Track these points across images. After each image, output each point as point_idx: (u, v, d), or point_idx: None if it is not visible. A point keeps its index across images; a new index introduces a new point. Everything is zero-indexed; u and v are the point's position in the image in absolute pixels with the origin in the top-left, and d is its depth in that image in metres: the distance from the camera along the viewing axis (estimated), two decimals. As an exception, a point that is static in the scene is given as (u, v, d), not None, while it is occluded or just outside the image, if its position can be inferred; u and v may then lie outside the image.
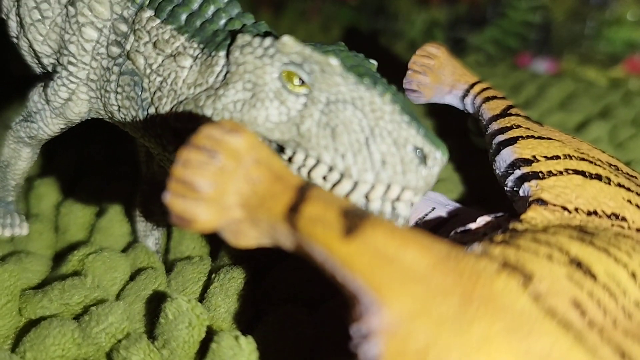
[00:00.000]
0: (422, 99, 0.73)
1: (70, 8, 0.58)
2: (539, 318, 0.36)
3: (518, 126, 0.61)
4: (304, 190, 0.40)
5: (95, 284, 0.64)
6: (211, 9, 0.55)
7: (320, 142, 0.47)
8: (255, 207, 0.41)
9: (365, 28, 1.41)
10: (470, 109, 0.71)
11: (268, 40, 0.49)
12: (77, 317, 0.59)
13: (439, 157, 0.47)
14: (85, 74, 0.59)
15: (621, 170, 0.58)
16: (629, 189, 0.54)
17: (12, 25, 0.66)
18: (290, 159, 0.49)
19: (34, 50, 0.64)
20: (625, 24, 1.22)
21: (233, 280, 0.60)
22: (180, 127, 0.52)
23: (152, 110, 0.54)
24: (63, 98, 0.61)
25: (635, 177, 0.58)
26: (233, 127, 0.41)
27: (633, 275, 0.43)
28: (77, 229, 0.75)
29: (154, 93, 0.54)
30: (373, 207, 0.47)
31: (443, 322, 0.34)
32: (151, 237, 0.73)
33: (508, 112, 0.65)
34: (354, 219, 0.38)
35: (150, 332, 0.58)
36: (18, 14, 0.64)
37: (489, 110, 0.66)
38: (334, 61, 0.47)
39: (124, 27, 0.57)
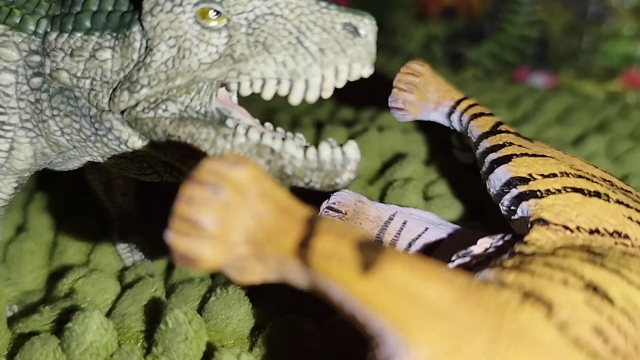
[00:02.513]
0: (409, 116, 0.72)
1: None
2: (567, 350, 0.35)
3: (510, 143, 0.61)
4: (313, 223, 0.39)
5: (86, 299, 0.63)
6: (109, 2, 0.55)
7: (258, 60, 0.49)
8: (262, 242, 0.39)
9: None
10: (457, 126, 0.70)
11: None
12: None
13: (367, 22, 0.49)
14: (18, 118, 0.58)
15: (616, 186, 0.58)
16: (628, 206, 0.54)
17: None
18: (238, 94, 0.51)
19: None
20: (621, 38, 1.23)
21: (233, 289, 0.59)
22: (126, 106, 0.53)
23: (93, 112, 0.55)
24: (5, 150, 0.59)
25: (630, 192, 0.58)
26: (236, 160, 0.39)
27: (647, 297, 0.42)
28: (75, 250, 0.73)
29: (89, 95, 0.54)
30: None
31: (474, 361, 0.33)
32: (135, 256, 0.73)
33: (498, 129, 0.64)
34: (370, 253, 0.36)
35: (148, 337, 0.57)
36: None
37: (478, 127, 0.65)
38: None
39: (36, 58, 0.57)
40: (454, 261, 0.52)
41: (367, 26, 0.49)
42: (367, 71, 0.50)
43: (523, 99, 1.19)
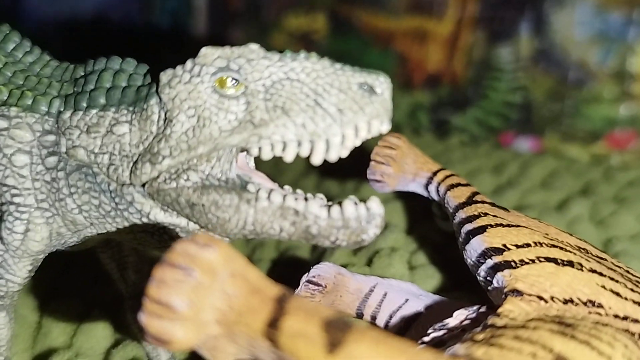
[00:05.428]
0: (387, 188, 0.74)
1: None
2: None
3: (485, 214, 0.62)
4: (282, 302, 0.39)
5: None
6: (123, 78, 0.56)
7: (277, 123, 0.49)
8: (233, 322, 0.39)
9: None
10: (434, 196, 0.72)
11: (189, 63, 0.51)
12: None
13: (382, 80, 0.49)
14: (33, 198, 0.57)
15: (591, 253, 0.59)
16: (601, 274, 0.54)
17: None
18: (255, 159, 0.52)
19: None
20: (602, 102, 1.24)
21: None
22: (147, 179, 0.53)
23: (113, 186, 0.54)
24: (21, 232, 0.58)
25: (605, 260, 0.59)
26: (207, 242, 0.40)
27: (618, 368, 0.43)
28: (59, 332, 0.72)
29: (108, 170, 0.54)
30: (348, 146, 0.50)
31: None
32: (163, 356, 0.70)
33: (473, 199, 0.66)
34: (337, 332, 0.37)
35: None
36: None
37: (454, 198, 0.67)
38: (253, 46, 0.50)
39: (51, 137, 0.56)
40: (429, 334, 0.52)
41: (383, 84, 0.49)
42: (385, 127, 0.50)
43: (508, 164, 1.20)
